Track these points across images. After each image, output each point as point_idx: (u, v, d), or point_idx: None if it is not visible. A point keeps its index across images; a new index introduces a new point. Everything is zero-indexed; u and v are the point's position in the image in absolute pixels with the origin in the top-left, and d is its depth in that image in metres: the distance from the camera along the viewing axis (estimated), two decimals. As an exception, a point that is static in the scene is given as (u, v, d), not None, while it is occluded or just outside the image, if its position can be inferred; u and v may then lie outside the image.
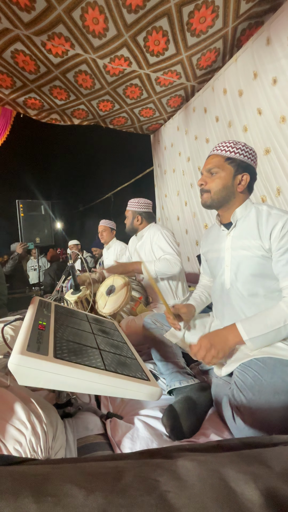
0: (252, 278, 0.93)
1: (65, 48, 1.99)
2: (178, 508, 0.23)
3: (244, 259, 0.94)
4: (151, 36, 1.91)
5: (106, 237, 2.87)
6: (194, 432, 0.83)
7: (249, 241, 0.92)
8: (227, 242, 1.00)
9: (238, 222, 0.98)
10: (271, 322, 0.82)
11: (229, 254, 0.98)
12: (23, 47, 1.99)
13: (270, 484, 0.26)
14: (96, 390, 0.61)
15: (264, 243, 0.89)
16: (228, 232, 1.00)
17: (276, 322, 0.81)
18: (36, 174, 6.99)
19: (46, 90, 2.50)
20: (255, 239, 0.91)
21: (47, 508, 0.21)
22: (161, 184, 3.54)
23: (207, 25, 1.86)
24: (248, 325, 0.84)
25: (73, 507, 0.21)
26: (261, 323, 0.83)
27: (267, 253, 0.89)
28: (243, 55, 2.00)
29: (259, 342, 0.83)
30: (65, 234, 8.31)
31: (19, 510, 0.21)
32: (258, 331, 0.82)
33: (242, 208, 0.98)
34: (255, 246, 0.91)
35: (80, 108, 2.79)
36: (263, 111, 1.88)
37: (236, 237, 0.97)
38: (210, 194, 0.98)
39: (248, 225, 0.95)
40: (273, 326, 0.81)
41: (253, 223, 0.93)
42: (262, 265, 0.91)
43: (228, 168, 0.96)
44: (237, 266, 0.96)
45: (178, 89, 2.59)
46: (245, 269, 0.94)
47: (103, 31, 1.84)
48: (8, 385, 0.74)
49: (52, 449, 0.64)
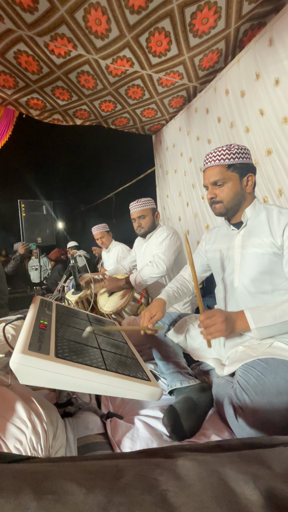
0: (261, 275, 0.94)
1: (68, 48, 2.00)
2: (178, 507, 0.23)
3: (254, 256, 0.95)
4: (154, 37, 1.92)
5: (106, 241, 2.85)
6: (194, 432, 0.83)
7: (260, 239, 0.94)
8: (236, 241, 1.01)
9: (248, 221, 1.00)
10: (280, 314, 0.82)
11: (239, 252, 1.00)
12: (26, 48, 2.00)
13: (270, 484, 0.26)
14: (97, 389, 0.61)
15: (277, 240, 0.90)
16: (238, 231, 1.01)
17: (285, 314, 0.82)
18: (38, 174, 7.02)
19: (48, 91, 2.51)
20: (267, 237, 0.92)
21: (47, 505, 0.21)
22: (163, 185, 3.54)
23: (209, 26, 1.86)
24: (256, 314, 0.85)
25: (73, 504, 0.21)
26: (270, 314, 0.84)
27: (278, 250, 0.91)
28: (245, 56, 2.00)
29: (265, 332, 0.84)
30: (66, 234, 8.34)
31: (20, 507, 0.21)
32: (266, 321, 0.83)
33: (251, 207, 0.99)
34: (267, 244, 0.92)
35: (82, 108, 2.79)
36: (265, 112, 1.88)
37: (247, 236, 0.99)
38: (223, 204, 0.99)
39: (259, 223, 0.96)
40: (282, 318, 0.82)
41: (263, 222, 0.95)
42: (272, 262, 0.92)
43: (233, 175, 0.96)
44: (246, 264, 0.97)
45: (180, 89, 2.59)
46: (255, 267, 0.95)
47: (106, 32, 1.85)
48: (9, 384, 0.75)
49: (52, 448, 0.65)
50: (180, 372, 1.01)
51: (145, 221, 1.77)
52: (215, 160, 0.97)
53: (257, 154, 1.98)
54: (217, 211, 1.02)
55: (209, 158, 0.99)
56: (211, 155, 0.98)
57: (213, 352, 1.05)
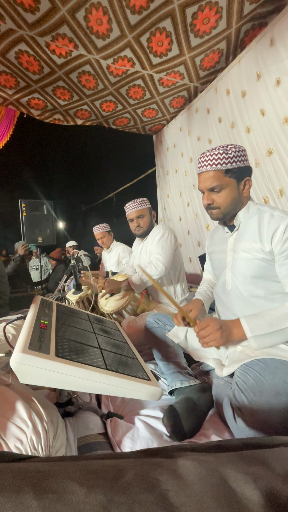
0: (253, 280, 0.93)
1: (69, 48, 2.00)
2: (178, 506, 0.23)
3: (245, 261, 0.94)
4: (155, 37, 1.92)
5: (107, 241, 2.85)
6: (194, 432, 0.83)
7: (249, 243, 0.93)
8: (229, 244, 1.01)
9: (241, 224, 0.98)
10: (276, 322, 0.82)
11: (231, 256, 0.99)
12: (27, 48, 2.00)
13: (271, 485, 0.26)
14: (97, 389, 0.61)
15: (265, 246, 0.89)
16: (231, 234, 1.01)
17: (281, 322, 0.82)
18: (39, 174, 7.03)
19: (49, 91, 2.51)
20: (255, 242, 0.91)
21: (48, 504, 0.21)
22: (163, 185, 3.54)
23: (210, 26, 1.86)
24: (252, 322, 0.85)
25: (74, 503, 0.21)
26: (266, 322, 0.83)
27: (267, 256, 0.89)
28: (246, 56, 2.00)
29: (262, 341, 0.83)
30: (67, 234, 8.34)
31: (20, 506, 0.21)
32: (262, 329, 0.83)
33: (244, 210, 0.98)
34: (255, 249, 0.91)
35: (83, 108, 2.80)
36: (266, 112, 1.88)
37: (238, 240, 0.98)
38: (221, 210, 0.96)
39: (250, 227, 0.95)
40: (278, 326, 0.81)
41: (255, 226, 0.94)
42: (262, 268, 0.91)
43: (230, 181, 0.92)
44: (237, 267, 0.97)
45: (181, 89, 2.59)
46: (246, 271, 0.94)
47: (107, 32, 1.85)
48: (10, 384, 0.75)
49: (52, 448, 0.65)
50: (180, 372, 1.01)
51: (144, 220, 1.76)
52: (211, 165, 0.91)
53: (258, 154, 1.98)
54: (214, 216, 0.99)
55: (205, 161, 0.92)
56: (207, 158, 0.92)
57: (213, 353, 1.05)
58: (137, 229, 1.77)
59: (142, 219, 1.76)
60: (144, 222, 1.76)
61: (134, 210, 1.76)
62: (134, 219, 1.76)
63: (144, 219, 1.76)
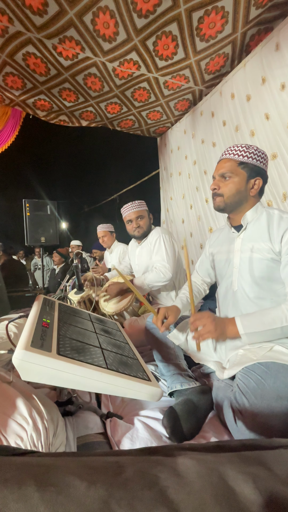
0: (260, 281, 0.94)
1: (76, 51, 2.02)
2: (177, 503, 0.23)
3: (253, 261, 0.94)
4: (161, 40, 1.93)
5: (108, 241, 2.88)
6: (194, 434, 0.83)
7: (259, 243, 0.93)
8: (236, 244, 1.01)
9: (248, 225, 0.99)
10: (269, 321, 0.83)
11: (238, 256, 0.99)
12: (34, 50, 2.02)
13: (271, 485, 0.26)
14: (98, 388, 0.61)
15: (275, 246, 0.90)
16: (238, 235, 1.01)
17: (274, 322, 0.83)
18: (43, 174, 7.07)
19: (55, 92, 2.54)
20: (265, 242, 0.92)
21: (49, 497, 0.21)
22: (167, 187, 3.55)
23: (216, 30, 1.87)
24: (246, 320, 0.87)
25: (75, 497, 0.22)
26: (259, 320, 0.85)
27: (276, 256, 0.90)
28: (251, 60, 2.01)
29: (254, 338, 0.85)
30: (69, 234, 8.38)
31: (23, 498, 0.21)
32: (254, 327, 0.84)
33: (252, 211, 0.99)
34: (265, 249, 0.92)
35: (89, 110, 2.82)
36: (271, 116, 1.88)
37: (246, 240, 0.98)
38: (223, 198, 0.98)
39: (259, 228, 0.96)
40: (270, 326, 0.83)
41: (263, 226, 0.94)
42: (270, 268, 0.92)
43: (241, 172, 0.96)
44: (245, 268, 0.97)
45: (186, 93, 2.60)
46: (253, 272, 0.94)
47: (113, 35, 1.87)
48: (11, 381, 0.75)
49: (52, 445, 0.65)
50: (180, 374, 1.01)
51: (144, 221, 1.78)
52: (230, 154, 0.97)
53: (262, 158, 1.98)
54: (216, 204, 1.02)
55: (227, 151, 0.99)
56: (230, 149, 0.98)
57: (214, 355, 1.04)
58: (137, 230, 1.78)
59: (142, 220, 1.78)
60: (143, 223, 1.78)
61: (133, 210, 1.77)
62: (133, 220, 1.77)
63: (143, 220, 1.78)
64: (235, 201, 0.98)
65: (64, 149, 5.97)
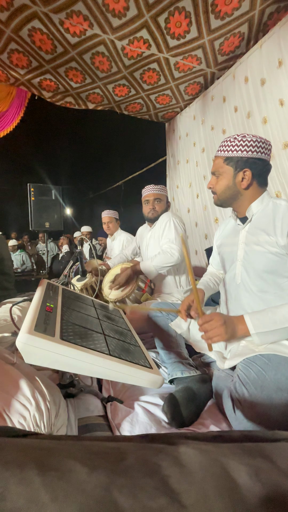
0: (264, 274, 0.92)
1: (83, 27, 1.93)
2: (179, 493, 0.23)
3: (257, 254, 0.92)
4: (173, 17, 1.83)
5: (112, 228, 2.85)
6: (193, 421, 0.84)
7: (263, 236, 0.91)
8: (241, 236, 0.99)
9: (253, 217, 0.96)
10: (280, 320, 0.81)
11: (242, 249, 0.97)
12: (40, 25, 1.93)
13: (274, 478, 0.26)
14: (99, 373, 0.62)
15: (279, 240, 0.87)
16: (243, 227, 0.98)
17: (285, 321, 0.80)
18: (48, 158, 6.97)
19: (62, 72, 2.45)
20: (269, 235, 0.89)
21: (50, 481, 0.21)
22: (173, 175, 3.47)
23: (232, 7, 1.76)
24: (256, 319, 0.84)
25: (76, 482, 0.22)
26: (270, 319, 0.82)
27: (280, 250, 0.87)
28: (268, 41, 1.90)
29: (265, 337, 0.83)
30: (74, 220, 8.35)
31: (24, 482, 0.21)
32: (265, 327, 0.82)
33: (257, 202, 0.95)
34: (269, 242, 0.89)
35: (96, 92, 2.73)
36: (286, 102, 1.80)
37: (251, 232, 0.96)
38: (217, 196, 1.01)
39: (264, 220, 0.93)
40: (282, 324, 0.80)
41: (269, 219, 0.91)
42: (274, 262, 0.89)
43: (227, 168, 0.96)
44: (249, 261, 0.95)
45: (197, 75, 2.49)
46: (257, 265, 0.92)
47: (123, 10, 1.77)
48: (14, 362, 0.76)
49: (54, 426, 0.67)
50: (181, 362, 1.02)
51: (160, 205, 1.77)
52: (219, 151, 0.97)
53: (273, 147, 1.91)
54: (214, 201, 1.04)
55: (219, 146, 0.99)
56: (220, 145, 0.98)
57: (215, 345, 1.05)
58: (152, 212, 1.77)
59: (159, 203, 1.77)
60: (159, 207, 1.77)
61: (153, 192, 1.76)
62: (150, 201, 1.76)
63: (160, 204, 1.77)
64: (227, 197, 0.99)
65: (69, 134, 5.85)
